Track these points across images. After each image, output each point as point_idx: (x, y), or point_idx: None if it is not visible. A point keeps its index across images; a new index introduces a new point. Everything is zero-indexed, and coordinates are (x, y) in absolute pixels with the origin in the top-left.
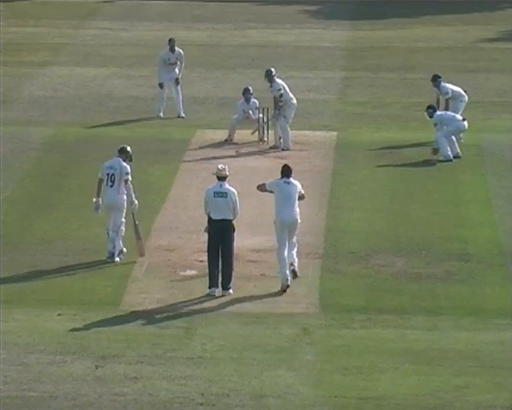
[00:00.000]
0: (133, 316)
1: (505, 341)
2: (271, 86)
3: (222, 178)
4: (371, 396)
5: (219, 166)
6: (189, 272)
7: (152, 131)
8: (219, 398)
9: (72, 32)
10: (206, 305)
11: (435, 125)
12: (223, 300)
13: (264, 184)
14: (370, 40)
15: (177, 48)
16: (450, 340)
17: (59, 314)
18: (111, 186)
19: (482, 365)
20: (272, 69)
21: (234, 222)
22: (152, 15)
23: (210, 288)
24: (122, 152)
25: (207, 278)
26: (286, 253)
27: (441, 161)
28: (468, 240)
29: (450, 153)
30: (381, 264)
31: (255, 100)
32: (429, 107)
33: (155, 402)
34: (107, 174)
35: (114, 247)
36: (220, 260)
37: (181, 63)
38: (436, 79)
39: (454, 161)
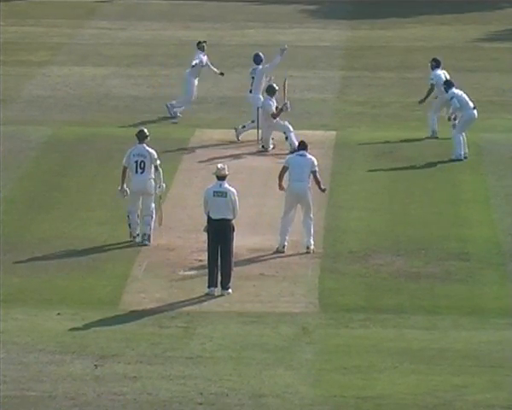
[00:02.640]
0: (132, 315)
1: (504, 340)
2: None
3: (221, 178)
4: (370, 396)
5: (219, 166)
6: (188, 272)
7: (151, 131)
8: (218, 397)
9: (71, 31)
10: (206, 304)
11: (451, 98)
12: (222, 299)
13: (282, 168)
14: (369, 39)
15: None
16: (449, 339)
17: (58, 314)
18: (141, 173)
19: (481, 364)
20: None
21: (233, 222)
22: (151, 15)
23: (209, 287)
24: (143, 138)
25: (207, 277)
26: (289, 221)
27: (452, 160)
28: (467, 239)
29: (462, 153)
30: (380, 263)
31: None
32: (445, 83)
33: (154, 402)
34: (136, 162)
35: (151, 229)
36: (219, 259)
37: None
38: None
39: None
